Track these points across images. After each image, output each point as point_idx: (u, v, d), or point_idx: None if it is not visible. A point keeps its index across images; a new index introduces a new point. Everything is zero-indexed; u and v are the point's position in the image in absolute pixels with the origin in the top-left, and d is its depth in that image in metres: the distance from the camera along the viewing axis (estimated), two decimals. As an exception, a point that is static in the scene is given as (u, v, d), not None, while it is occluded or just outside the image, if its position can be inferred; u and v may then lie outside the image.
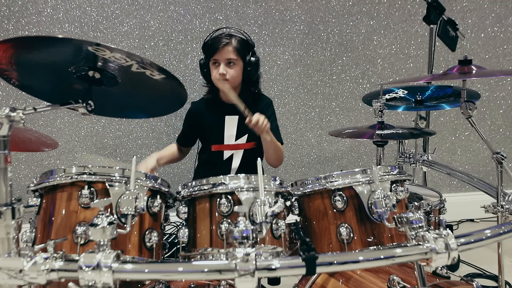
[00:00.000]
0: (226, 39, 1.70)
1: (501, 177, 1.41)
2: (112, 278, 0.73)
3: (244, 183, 1.12)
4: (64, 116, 2.57)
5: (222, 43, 1.69)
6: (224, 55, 1.70)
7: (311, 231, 1.21)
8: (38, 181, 1.09)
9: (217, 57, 1.71)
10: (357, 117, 2.87)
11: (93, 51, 0.95)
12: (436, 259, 0.79)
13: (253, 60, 1.75)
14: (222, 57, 1.71)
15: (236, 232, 0.79)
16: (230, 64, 1.72)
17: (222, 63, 1.71)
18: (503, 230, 0.87)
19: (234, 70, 1.73)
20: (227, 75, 1.71)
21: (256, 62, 1.76)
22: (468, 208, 2.75)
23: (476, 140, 3.01)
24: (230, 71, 1.72)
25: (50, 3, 2.43)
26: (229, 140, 1.85)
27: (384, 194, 1.07)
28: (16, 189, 2.55)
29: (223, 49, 1.69)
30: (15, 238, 0.82)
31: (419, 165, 1.93)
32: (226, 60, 1.71)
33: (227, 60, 1.71)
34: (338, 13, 2.71)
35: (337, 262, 0.78)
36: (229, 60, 1.71)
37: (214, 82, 1.77)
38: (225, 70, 1.71)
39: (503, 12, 2.86)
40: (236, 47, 1.71)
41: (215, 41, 1.71)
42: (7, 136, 0.82)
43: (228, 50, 1.70)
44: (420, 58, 2.84)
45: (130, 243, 1.06)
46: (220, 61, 1.72)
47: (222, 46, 1.69)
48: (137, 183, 1.07)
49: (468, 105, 1.43)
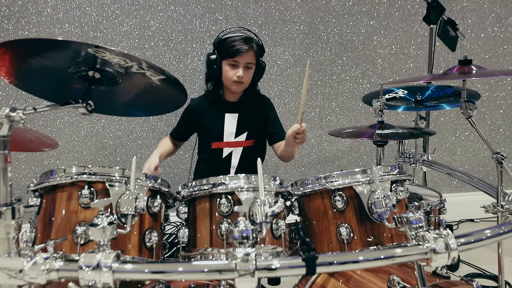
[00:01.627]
0: (249, 44, 1.71)
1: (501, 177, 1.41)
2: (112, 278, 0.73)
3: (244, 183, 1.12)
4: (64, 116, 2.57)
5: (246, 47, 1.69)
6: (246, 59, 1.71)
7: (311, 231, 1.21)
8: (38, 181, 1.09)
9: (239, 60, 1.71)
10: (357, 117, 2.87)
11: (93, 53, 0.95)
12: (436, 259, 0.79)
13: (263, 64, 1.79)
14: (243, 61, 1.71)
15: (236, 232, 0.79)
16: (247, 68, 1.74)
17: (241, 66, 1.72)
18: (503, 230, 0.87)
19: (250, 73, 1.76)
20: (244, 78, 1.73)
21: (265, 66, 1.80)
22: (468, 208, 2.75)
23: (476, 140, 3.01)
24: (247, 74, 1.74)
25: (50, 3, 2.43)
26: (229, 138, 1.85)
27: (384, 194, 1.07)
28: (16, 189, 2.55)
29: (246, 53, 1.70)
30: (15, 238, 0.82)
31: (419, 165, 1.93)
32: (245, 64, 1.72)
33: (246, 64, 1.73)
34: (338, 13, 2.71)
35: (337, 262, 0.78)
36: (248, 64, 1.73)
37: (226, 81, 1.77)
38: (244, 73, 1.72)
39: (503, 12, 2.86)
40: (256, 51, 1.73)
41: (238, 43, 1.69)
42: (7, 136, 0.82)
43: (250, 55, 1.71)
44: (420, 58, 2.84)
45: (130, 243, 1.06)
46: (240, 64, 1.72)
47: (246, 50, 1.69)
48: (137, 183, 1.07)
49: (468, 105, 1.43)
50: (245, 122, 1.85)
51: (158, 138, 2.66)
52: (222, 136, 1.85)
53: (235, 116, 1.85)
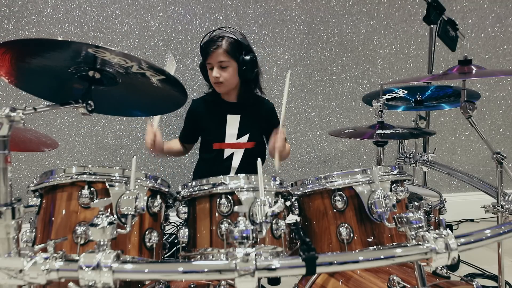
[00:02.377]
0: (216, 43, 1.71)
1: (501, 177, 1.41)
2: (112, 278, 0.73)
3: (244, 183, 1.12)
4: (64, 116, 2.57)
5: (212, 47, 1.70)
6: (216, 58, 1.72)
7: (311, 231, 1.21)
8: (38, 181, 1.09)
9: (210, 61, 1.74)
10: (357, 117, 2.86)
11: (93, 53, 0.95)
12: (436, 259, 0.79)
13: (247, 59, 1.72)
14: (214, 61, 1.73)
15: (236, 232, 0.79)
16: (222, 67, 1.73)
17: (215, 66, 1.73)
18: (503, 230, 0.87)
19: (227, 72, 1.74)
20: (221, 78, 1.73)
21: (250, 61, 1.73)
22: (468, 208, 2.75)
23: (476, 140, 3.01)
24: (223, 73, 1.73)
25: (50, 3, 2.43)
26: (230, 139, 1.85)
27: (384, 194, 1.07)
28: (16, 189, 2.55)
29: (214, 53, 1.71)
30: (15, 238, 0.82)
31: (419, 165, 1.93)
32: (218, 63, 1.73)
33: (219, 63, 1.72)
34: (338, 13, 2.71)
35: (337, 262, 0.78)
36: (221, 63, 1.72)
37: (212, 85, 1.81)
38: (218, 73, 1.73)
39: (503, 12, 2.86)
40: (226, 49, 1.70)
41: (207, 45, 1.73)
42: (7, 136, 0.82)
43: (218, 53, 1.71)
44: (420, 58, 2.84)
45: (130, 243, 1.06)
46: (213, 65, 1.74)
47: (213, 50, 1.70)
48: (137, 183, 1.07)
49: (468, 105, 1.43)
50: (247, 124, 1.85)
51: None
52: (224, 137, 1.85)
53: (237, 118, 1.85)
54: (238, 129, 1.85)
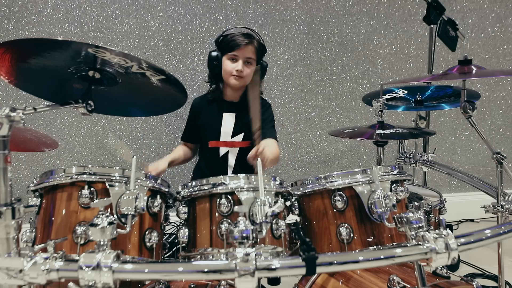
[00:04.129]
0: (249, 38, 1.74)
1: (501, 177, 1.41)
2: (112, 278, 0.73)
3: (244, 183, 1.12)
4: (64, 116, 2.57)
5: (245, 41, 1.73)
6: (245, 53, 1.74)
7: (311, 231, 1.21)
8: (38, 181, 1.09)
9: (238, 53, 1.74)
10: (357, 117, 2.86)
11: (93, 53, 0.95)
12: (436, 259, 0.79)
13: (264, 64, 1.82)
14: (243, 55, 1.74)
15: (236, 232, 0.79)
16: (247, 63, 1.76)
17: (241, 60, 1.74)
18: (503, 230, 0.87)
19: (250, 69, 1.77)
20: (244, 72, 1.75)
21: (266, 67, 1.84)
22: (468, 208, 2.75)
23: (476, 140, 3.01)
24: (246, 69, 1.76)
25: (50, 3, 2.43)
26: (225, 137, 1.86)
27: (384, 194, 1.07)
28: (16, 189, 2.54)
29: (246, 47, 1.73)
30: (15, 238, 0.82)
31: (419, 165, 1.93)
32: (245, 58, 1.75)
33: (246, 58, 1.75)
34: (338, 13, 2.71)
35: (337, 262, 0.78)
36: (248, 58, 1.75)
37: (225, 76, 1.79)
38: (242, 67, 1.74)
39: (503, 12, 2.86)
40: (256, 47, 1.76)
41: (238, 37, 1.74)
42: (7, 136, 0.82)
43: (249, 49, 1.74)
44: (420, 58, 2.84)
45: (130, 243, 1.06)
46: (239, 58, 1.75)
47: (245, 44, 1.72)
48: (137, 183, 1.07)
49: (468, 105, 1.43)
50: (242, 123, 1.85)
51: (158, 138, 2.66)
52: (219, 135, 1.86)
53: (232, 116, 1.86)
54: (233, 128, 1.86)
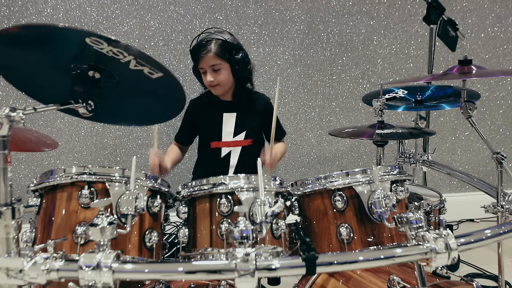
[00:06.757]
0: (206, 47, 1.67)
1: (501, 177, 1.41)
2: (112, 278, 0.73)
3: (244, 183, 1.12)
4: (64, 116, 2.57)
5: (202, 51, 1.67)
6: (207, 62, 1.69)
7: (311, 231, 1.21)
8: (38, 181, 1.09)
9: (202, 65, 1.71)
10: (357, 117, 2.87)
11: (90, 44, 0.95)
12: (436, 259, 0.79)
13: (238, 58, 1.70)
14: (206, 65, 1.70)
15: (236, 232, 0.79)
16: (215, 70, 1.71)
17: (208, 70, 1.71)
18: (503, 230, 0.87)
19: (221, 74, 1.72)
20: (215, 81, 1.72)
21: (242, 59, 1.71)
22: (468, 208, 2.75)
23: (476, 140, 3.01)
24: (217, 76, 1.71)
25: (50, 3, 2.43)
26: (227, 137, 1.85)
27: (384, 194, 1.07)
28: (16, 189, 2.55)
29: (204, 58, 1.68)
30: (15, 238, 0.82)
31: (419, 165, 1.93)
32: (210, 67, 1.70)
33: (211, 66, 1.70)
34: (338, 13, 2.71)
35: (337, 262, 0.78)
36: (213, 66, 1.70)
37: (208, 88, 1.80)
38: (212, 76, 1.71)
39: (503, 12, 2.86)
40: (216, 52, 1.67)
41: (196, 50, 1.70)
42: (7, 136, 0.82)
43: (209, 57, 1.68)
44: (420, 58, 2.84)
45: (130, 243, 1.06)
46: (205, 69, 1.72)
47: (203, 55, 1.67)
48: (137, 183, 1.07)
49: (468, 105, 1.43)
50: (243, 122, 1.85)
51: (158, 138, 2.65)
52: (221, 136, 1.85)
53: (233, 115, 1.85)
54: (234, 127, 1.85)
